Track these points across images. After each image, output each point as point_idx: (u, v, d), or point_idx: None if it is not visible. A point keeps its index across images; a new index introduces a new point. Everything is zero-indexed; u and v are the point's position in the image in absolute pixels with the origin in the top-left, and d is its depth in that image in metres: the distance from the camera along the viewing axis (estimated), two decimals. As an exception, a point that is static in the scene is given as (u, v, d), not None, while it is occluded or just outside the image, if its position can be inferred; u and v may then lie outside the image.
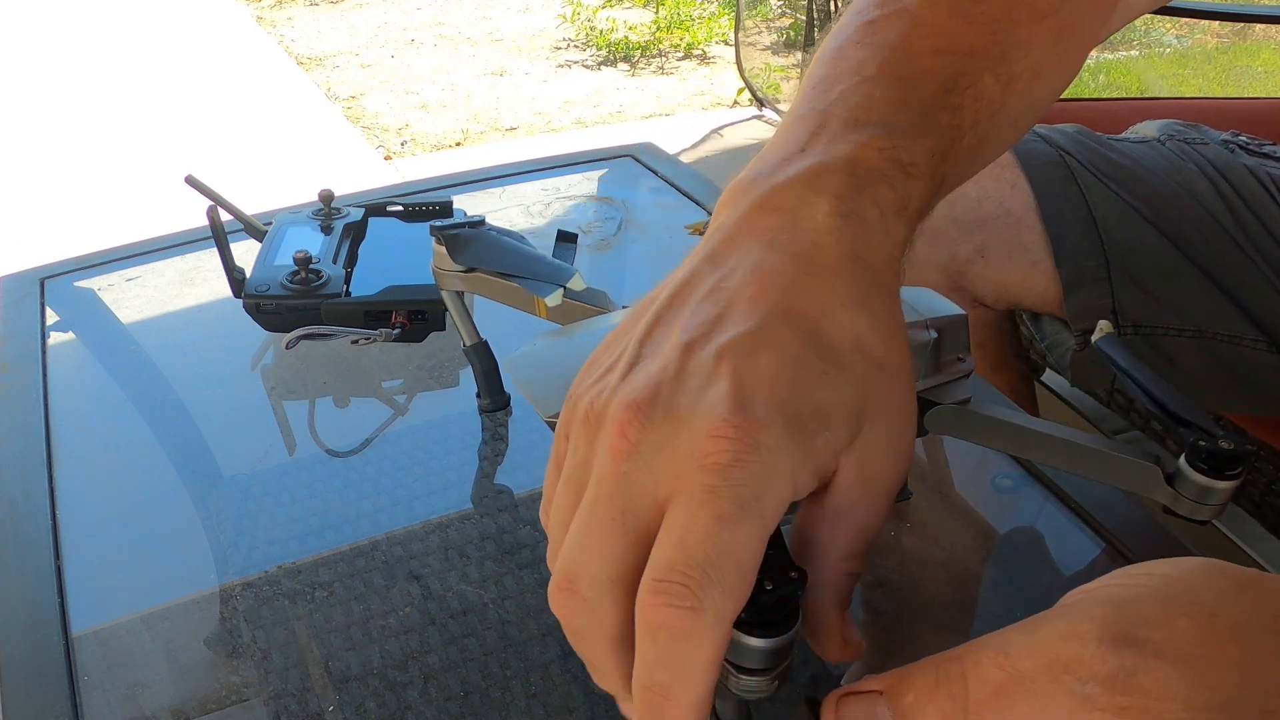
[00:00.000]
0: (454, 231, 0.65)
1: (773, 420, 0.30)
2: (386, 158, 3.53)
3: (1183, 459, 0.40)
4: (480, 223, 0.66)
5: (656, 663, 0.30)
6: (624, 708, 0.33)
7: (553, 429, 0.42)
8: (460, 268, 0.65)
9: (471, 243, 0.65)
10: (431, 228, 0.65)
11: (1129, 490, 0.42)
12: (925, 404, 0.45)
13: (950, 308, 0.47)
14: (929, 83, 0.38)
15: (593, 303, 0.62)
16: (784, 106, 3.43)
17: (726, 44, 4.40)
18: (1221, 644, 0.27)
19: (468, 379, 0.76)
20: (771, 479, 0.30)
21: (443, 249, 0.65)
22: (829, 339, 0.32)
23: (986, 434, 0.45)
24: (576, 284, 0.62)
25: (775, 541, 0.31)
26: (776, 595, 0.30)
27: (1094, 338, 0.45)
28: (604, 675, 0.33)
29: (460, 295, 0.68)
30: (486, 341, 0.70)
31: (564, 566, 0.32)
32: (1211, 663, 0.27)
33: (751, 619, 0.30)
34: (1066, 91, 0.47)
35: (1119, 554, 0.59)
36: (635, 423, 0.31)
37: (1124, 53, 3.85)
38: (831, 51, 0.40)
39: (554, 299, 0.61)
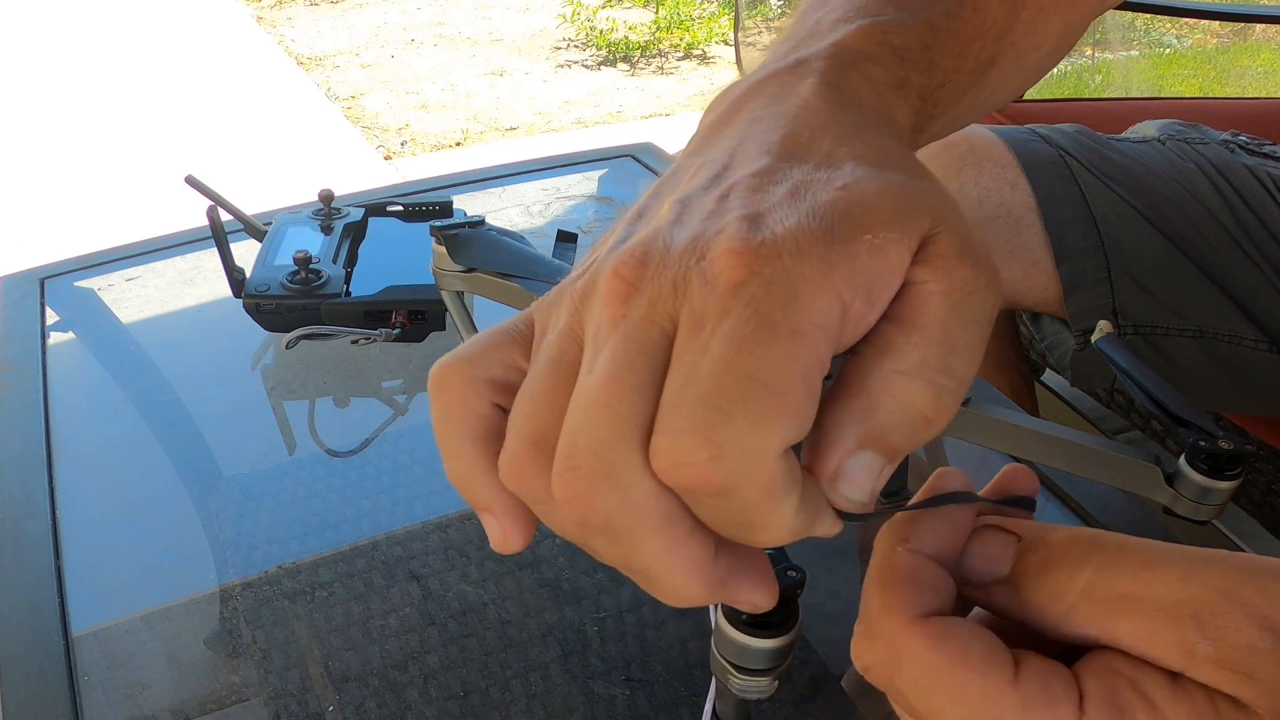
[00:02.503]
0: (453, 232, 0.65)
1: (791, 230, 0.24)
2: (386, 158, 3.53)
3: (1182, 459, 0.40)
4: (480, 223, 0.66)
5: (719, 525, 0.24)
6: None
7: None
8: (460, 268, 0.65)
9: (471, 243, 0.65)
10: (431, 228, 0.65)
11: (1129, 490, 0.42)
12: None
13: None
14: None
15: None
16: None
17: (726, 44, 4.40)
18: None
19: (468, 379, 0.76)
20: (804, 287, 0.23)
21: (442, 249, 0.65)
22: (839, 165, 0.27)
23: (986, 434, 0.45)
24: None
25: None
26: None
27: (1094, 338, 0.45)
28: (664, 577, 0.25)
29: (460, 295, 0.68)
30: (486, 342, 0.70)
31: (565, 445, 0.25)
32: None
33: (751, 619, 0.30)
34: (1066, 91, 0.47)
35: (1119, 554, 0.59)
36: (632, 263, 0.25)
37: (1124, 53, 3.85)
38: None
39: None
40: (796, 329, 0.23)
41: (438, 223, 0.65)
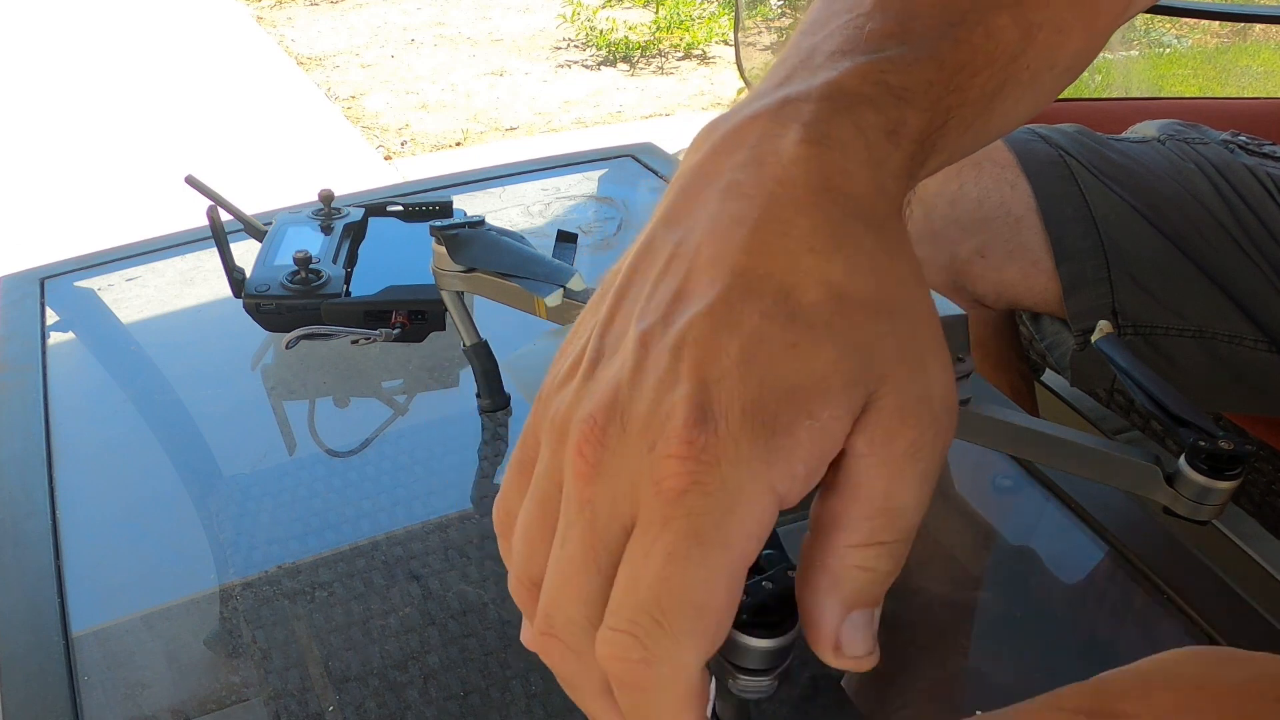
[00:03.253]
0: (454, 232, 0.65)
1: (734, 429, 0.26)
2: (386, 158, 3.53)
3: (1182, 459, 0.40)
4: (480, 223, 0.66)
5: (630, 710, 0.28)
6: None
7: None
8: (460, 268, 0.65)
9: (471, 243, 0.65)
10: (431, 228, 0.65)
11: (1129, 490, 0.42)
12: None
13: (950, 307, 0.47)
14: (930, 14, 0.34)
15: None
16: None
17: (726, 44, 4.40)
18: (1200, 713, 0.27)
19: (468, 379, 0.76)
20: (739, 499, 0.26)
21: (442, 249, 0.65)
22: (799, 298, 0.27)
23: (986, 434, 0.45)
24: (576, 284, 0.61)
25: (774, 541, 0.30)
26: (776, 594, 0.30)
27: (1094, 338, 0.45)
28: (590, 711, 0.30)
29: (460, 295, 0.68)
30: (486, 341, 0.70)
31: (544, 609, 0.29)
32: None
33: (750, 619, 0.30)
34: (1066, 91, 0.46)
35: (1119, 554, 0.59)
36: (592, 441, 0.27)
37: (1124, 53, 3.85)
38: None
39: (554, 299, 0.61)
40: (727, 544, 0.26)
41: (438, 223, 0.65)
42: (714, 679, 0.30)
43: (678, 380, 0.27)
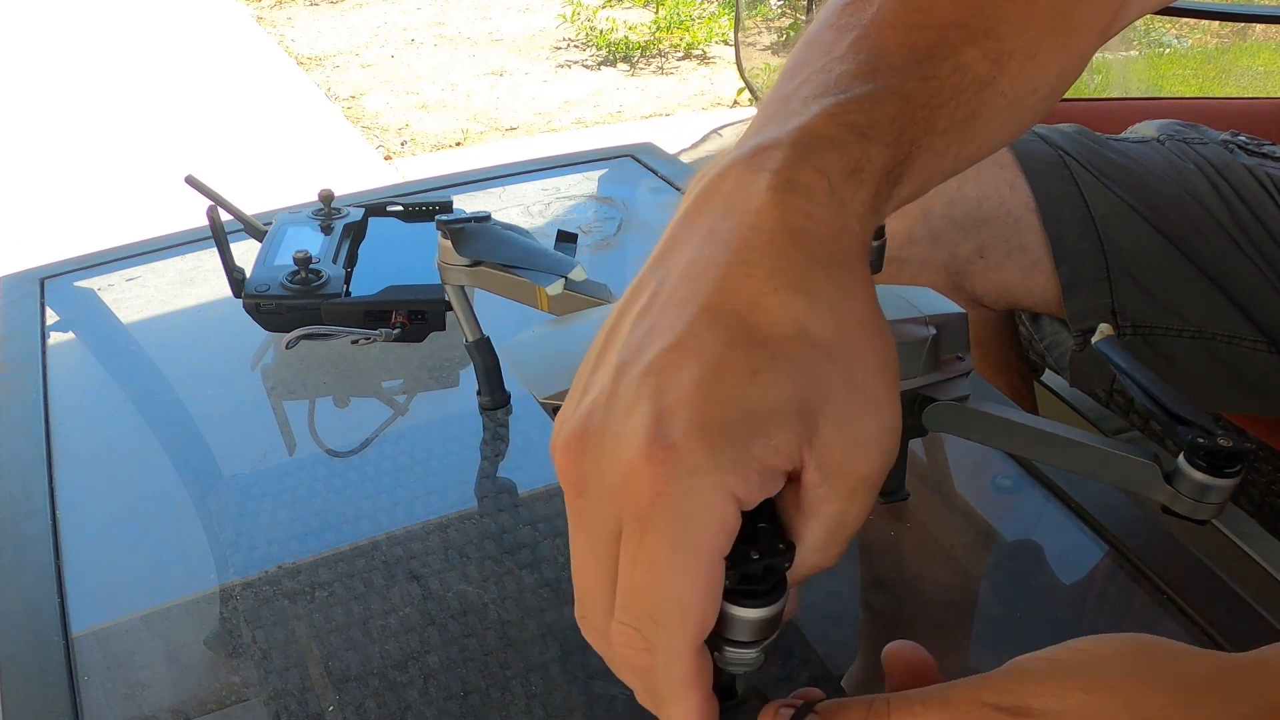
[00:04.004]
0: (460, 225, 0.65)
1: (691, 442, 0.29)
2: (386, 158, 3.53)
3: (1181, 457, 0.39)
4: (486, 218, 0.67)
5: (641, 689, 0.32)
6: None
7: (548, 411, 0.43)
8: (465, 261, 0.65)
9: (477, 236, 0.66)
10: (438, 221, 0.66)
11: (1128, 489, 0.42)
12: (923, 400, 0.45)
13: (950, 306, 0.47)
14: (898, 55, 0.36)
15: (593, 294, 0.63)
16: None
17: (726, 44, 4.40)
18: (1114, 716, 0.29)
19: (467, 379, 0.76)
20: (700, 505, 0.29)
21: (448, 243, 0.65)
22: (761, 331, 0.30)
23: (985, 431, 0.45)
24: (578, 275, 0.63)
25: (768, 514, 0.31)
26: (763, 565, 0.30)
27: (1094, 339, 0.45)
28: (640, 698, 0.34)
29: (463, 290, 0.68)
30: (488, 338, 0.70)
31: (576, 593, 0.33)
32: None
33: (738, 588, 0.30)
34: (1066, 92, 0.46)
35: (1119, 554, 0.59)
36: (573, 460, 0.31)
37: (1124, 53, 3.85)
38: (807, 36, 0.39)
39: (555, 288, 0.62)
40: (697, 546, 0.29)
41: (443, 216, 0.66)
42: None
43: (640, 402, 0.30)
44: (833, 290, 0.31)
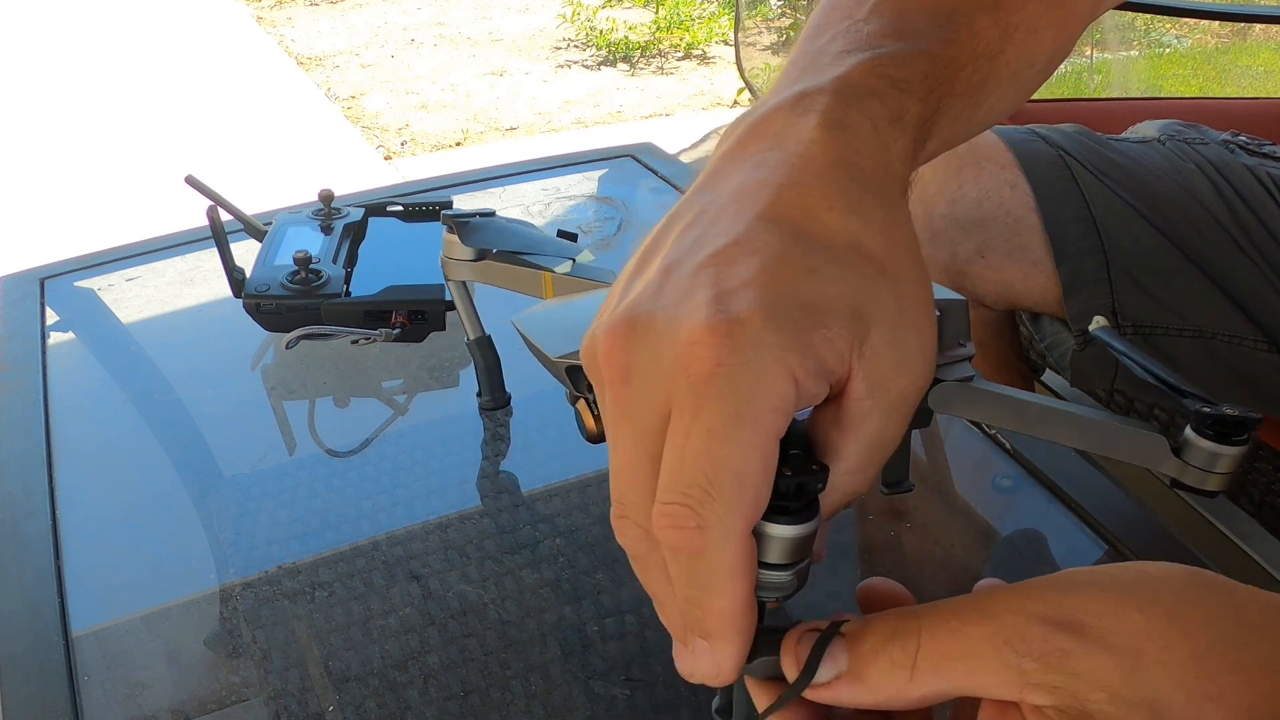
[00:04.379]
0: (465, 219, 0.66)
1: (754, 315, 0.28)
2: (386, 158, 3.53)
3: (1188, 428, 0.39)
4: (491, 214, 0.68)
5: (683, 580, 0.30)
6: (676, 651, 0.32)
7: (556, 373, 0.43)
8: (470, 256, 0.66)
9: (483, 228, 0.66)
10: (443, 215, 0.66)
11: (1135, 463, 0.41)
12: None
13: (949, 294, 0.47)
14: (920, 18, 0.38)
15: (599, 279, 0.63)
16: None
17: (726, 44, 4.40)
18: (1169, 643, 0.27)
19: (467, 379, 0.76)
20: (762, 378, 0.28)
21: (453, 237, 0.66)
22: (818, 239, 0.30)
23: (991, 411, 0.45)
24: (585, 258, 0.63)
25: (800, 442, 0.31)
26: (796, 483, 0.30)
27: (1090, 327, 0.45)
28: (660, 604, 0.32)
29: (466, 287, 0.68)
30: (490, 336, 0.70)
31: (613, 494, 0.32)
32: (1152, 658, 0.27)
33: (772, 505, 0.30)
34: (1066, 91, 0.47)
35: (1119, 554, 0.59)
36: (619, 347, 0.30)
37: (1123, 53, 3.85)
38: (825, 2, 0.40)
39: (563, 268, 0.63)
40: (758, 418, 0.28)
41: (449, 211, 0.67)
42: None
43: (697, 288, 0.29)
44: (882, 215, 0.32)
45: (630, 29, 4.56)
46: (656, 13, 4.71)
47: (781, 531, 0.30)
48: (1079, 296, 0.88)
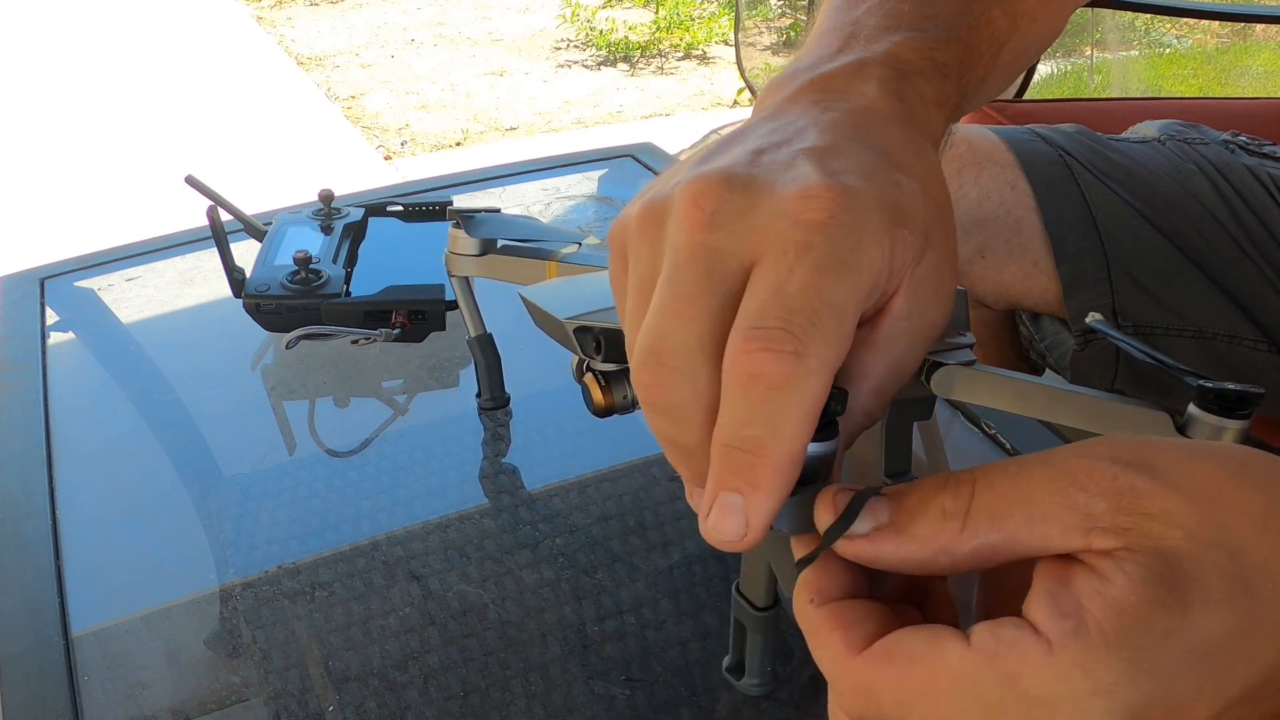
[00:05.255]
0: (471, 213, 0.67)
1: (863, 188, 0.30)
2: (386, 158, 3.53)
3: (1192, 404, 0.40)
4: (496, 211, 0.69)
5: (748, 418, 0.28)
6: (693, 497, 0.31)
7: (561, 338, 0.43)
8: (474, 250, 0.66)
9: (489, 221, 0.67)
10: (449, 211, 0.67)
11: None
12: (932, 365, 0.45)
13: None
14: (946, 3, 0.39)
15: (604, 264, 0.64)
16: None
17: (726, 44, 4.40)
18: (1245, 491, 0.26)
19: (467, 379, 0.76)
20: (866, 238, 0.29)
21: (459, 232, 0.66)
22: (898, 159, 0.32)
23: (995, 395, 0.45)
24: (591, 241, 0.64)
25: None
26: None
27: (1088, 319, 0.45)
28: (689, 453, 0.30)
29: (469, 284, 0.68)
30: (491, 334, 0.70)
31: (647, 341, 0.30)
32: (1228, 505, 0.26)
33: None
34: (1066, 91, 0.48)
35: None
36: (711, 191, 0.30)
37: (1123, 53, 3.85)
38: None
39: (570, 250, 0.64)
40: (861, 270, 0.29)
41: (455, 206, 0.68)
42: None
43: (801, 163, 0.30)
44: (939, 172, 0.34)
45: (630, 29, 4.56)
46: (656, 13, 4.71)
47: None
48: (1079, 296, 0.88)
